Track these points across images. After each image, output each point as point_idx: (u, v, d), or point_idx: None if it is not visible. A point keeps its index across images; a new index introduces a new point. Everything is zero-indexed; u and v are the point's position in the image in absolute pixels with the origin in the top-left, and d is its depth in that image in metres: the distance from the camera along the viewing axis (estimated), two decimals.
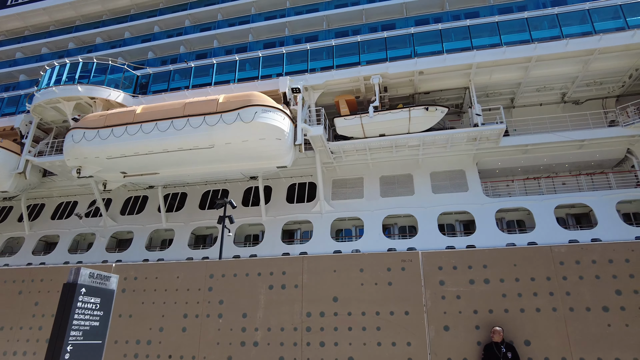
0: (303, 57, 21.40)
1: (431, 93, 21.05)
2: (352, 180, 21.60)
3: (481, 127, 18.55)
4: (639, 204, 18.76)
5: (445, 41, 19.69)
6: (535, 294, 7.54)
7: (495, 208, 19.08)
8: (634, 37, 17.81)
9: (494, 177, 21.46)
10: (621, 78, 20.16)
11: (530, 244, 17.48)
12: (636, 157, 19.33)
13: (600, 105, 21.33)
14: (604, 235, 17.39)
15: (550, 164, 20.66)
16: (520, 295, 7.70)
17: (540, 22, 19.47)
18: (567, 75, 19.91)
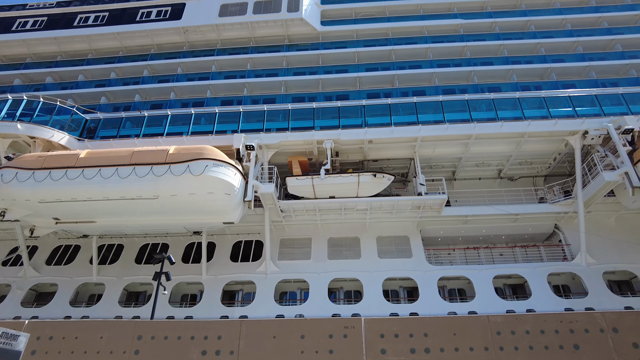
0: (259, 117, 21.89)
1: (379, 161, 22.03)
2: (300, 241, 21.42)
3: (424, 197, 19.45)
4: (566, 276, 19.99)
5: (393, 115, 21.10)
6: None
7: (438, 276, 19.52)
8: (555, 125, 20.06)
9: (437, 245, 22.19)
10: (547, 160, 22.33)
11: (470, 313, 17.80)
12: (562, 233, 20.93)
13: (531, 183, 23.28)
14: (538, 305, 18.14)
15: (488, 235, 21.80)
16: None
17: (479, 105, 21.47)
18: (502, 154, 21.74)
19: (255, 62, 27.00)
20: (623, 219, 20.88)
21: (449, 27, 27.80)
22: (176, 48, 28.55)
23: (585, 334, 7.71)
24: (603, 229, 20.60)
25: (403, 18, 28.40)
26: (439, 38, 27.04)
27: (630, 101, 21.08)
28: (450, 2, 29.16)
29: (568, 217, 20.76)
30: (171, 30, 28.10)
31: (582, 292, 19.08)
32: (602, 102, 21.09)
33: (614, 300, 18.32)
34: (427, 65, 25.47)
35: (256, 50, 27.62)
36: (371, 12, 29.55)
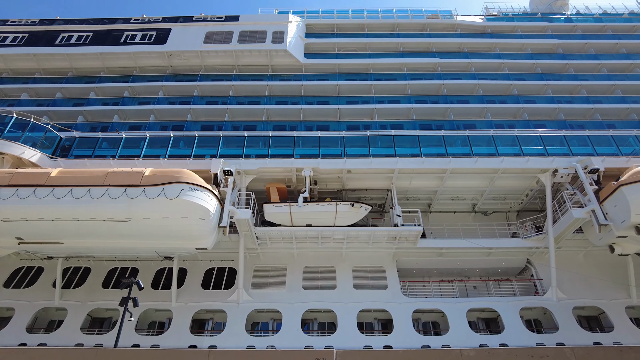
0: (239, 143, 21.93)
1: (357, 191, 22.23)
2: (275, 269, 21.08)
3: (401, 228, 19.62)
4: (538, 311, 20.20)
5: (372, 146, 21.51)
6: None
7: (413, 308, 19.42)
8: (527, 163, 20.84)
9: (412, 276, 22.21)
10: (520, 196, 23.02)
11: (444, 347, 17.66)
12: (534, 268, 21.32)
13: (504, 218, 23.84)
14: (510, 340, 18.15)
15: (462, 268, 21.99)
16: None
17: (454, 140, 22.15)
18: (476, 189, 22.30)
19: (238, 90, 27.27)
20: (591, 255, 21.48)
21: (428, 65, 28.96)
22: (159, 72, 28.64)
23: None
24: (572, 264, 21.11)
25: (384, 55, 29.50)
26: (418, 75, 28.09)
27: (596, 143, 22.15)
28: (429, 41, 30.59)
29: (539, 252, 21.22)
30: (155, 53, 28.23)
31: (553, 327, 19.25)
32: (570, 143, 22.08)
33: (583, 335, 18.54)
34: (405, 100, 26.29)
35: (239, 78, 27.95)
36: (353, 48, 30.58)
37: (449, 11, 33.38)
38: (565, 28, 32.64)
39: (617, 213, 18.17)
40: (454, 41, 30.84)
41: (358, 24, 32.12)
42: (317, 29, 31.88)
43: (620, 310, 19.54)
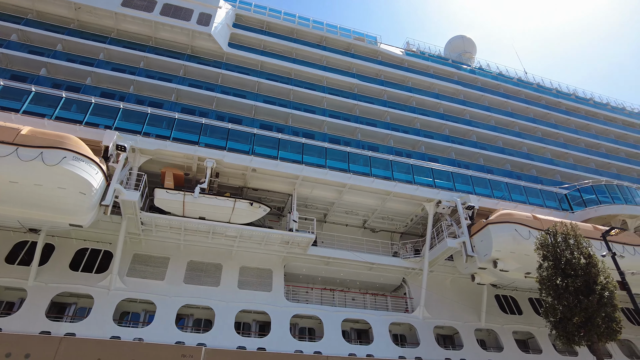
0: (140, 119, 20.37)
1: (259, 190, 22.08)
2: (157, 259, 19.88)
3: (295, 233, 19.96)
4: (405, 326, 21.99)
5: (281, 149, 21.60)
6: None
7: (292, 313, 19.78)
8: (417, 191, 22.78)
9: (297, 281, 22.68)
10: (406, 219, 24.99)
11: (315, 353, 18.26)
12: (408, 286, 23.24)
13: (389, 237, 25.63)
14: (377, 351, 19.46)
15: (345, 279, 23.08)
16: None
17: (357, 159, 23.26)
18: (369, 207, 23.68)
19: (150, 63, 25.48)
20: (456, 282, 24.10)
21: (346, 83, 30.29)
22: (62, 22, 25.48)
23: None
24: (440, 287, 23.47)
25: (307, 64, 30.03)
26: (335, 91, 29.18)
27: (476, 183, 25.08)
28: (351, 61, 32.05)
29: (414, 273, 23.19)
30: (60, 1, 25.10)
31: (415, 343, 21.11)
32: (455, 180, 24.67)
33: (439, 352, 20.65)
34: (320, 112, 27.08)
35: (154, 51, 26.12)
36: (280, 50, 30.64)
37: (374, 37, 35.33)
38: (468, 78, 36.70)
39: (482, 247, 20.74)
40: (374, 67, 32.67)
41: (288, 27, 32.32)
42: (247, 21, 31.33)
43: (470, 332, 22.19)
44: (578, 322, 7.60)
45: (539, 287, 8.28)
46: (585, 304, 7.53)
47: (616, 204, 25.99)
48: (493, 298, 24.27)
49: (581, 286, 7.79)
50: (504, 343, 22.31)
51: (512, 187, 26.01)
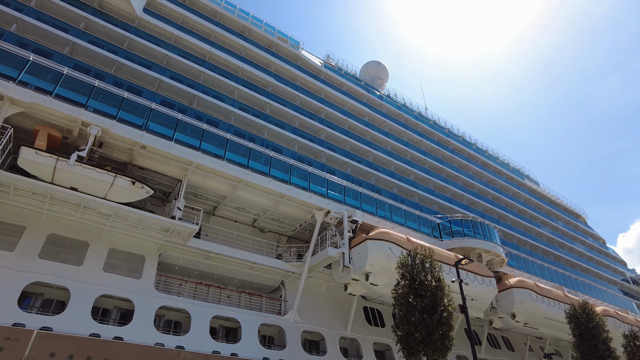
0: (19, 64, 17.59)
1: (146, 170, 20.58)
2: (9, 226, 17.30)
3: (178, 222, 18.97)
4: (275, 328, 22.23)
5: (179, 131, 20.38)
6: None
7: (160, 304, 18.70)
8: (310, 198, 23.38)
9: (172, 272, 21.61)
10: (295, 224, 25.46)
11: (178, 347, 17.44)
12: (285, 289, 23.61)
13: (276, 239, 25.83)
14: (242, 351, 19.25)
15: (223, 276, 22.62)
16: None
17: (259, 156, 23.01)
18: (262, 206, 23.61)
19: (44, 5, 22.24)
20: (331, 290, 25.19)
21: (261, 79, 29.97)
22: None
23: None
24: (315, 294, 24.29)
25: (224, 50, 29.03)
26: (248, 84, 28.58)
27: (364, 200, 26.62)
28: (270, 59, 31.89)
29: (294, 277, 23.69)
30: None
31: (282, 345, 21.44)
32: (346, 194, 25.89)
33: (303, 356, 21.26)
34: (229, 102, 26.33)
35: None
36: (198, 29, 29.20)
37: (297, 42, 35.69)
38: (376, 102, 39.06)
39: (358, 260, 22.02)
40: (292, 70, 32.93)
41: (212, 9, 31.04)
42: None
43: (335, 339, 23.30)
44: (419, 337, 8.46)
45: (393, 303, 9.08)
46: (427, 322, 8.43)
47: (476, 239, 29.71)
48: (361, 309, 25.90)
49: (428, 306, 8.71)
50: (364, 352, 23.87)
51: (394, 209, 28.15)
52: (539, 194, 54.05)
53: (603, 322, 15.81)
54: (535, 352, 35.01)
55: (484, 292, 25.82)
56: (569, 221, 55.51)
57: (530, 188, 52.46)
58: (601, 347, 14.87)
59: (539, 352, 35.06)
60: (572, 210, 59.69)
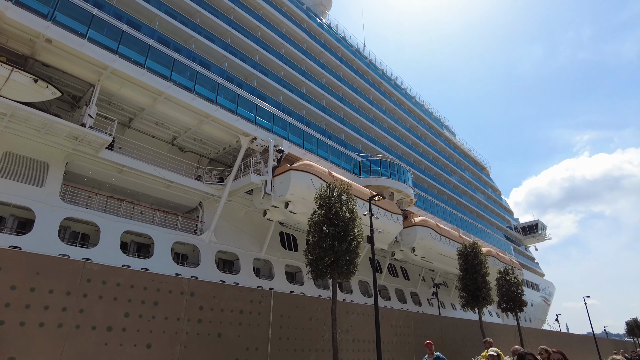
0: None
1: (52, 68, 18.17)
2: None
3: (88, 130, 17.42)
4: (189, 247, 22.38)
5: (93, 29, 17.95)
6: (46, 308, 7.12)
7: (65, 215, 17.68)
8: (237, 122, 22.70)
9: (81, 183, 20.27)
10: (218, 147, 24.80)
11: (85, 259, 16.90)
12: (202, 210, 23.51)
13: (197, 160, 25.08)
14: (154, 266, 19.25)
15: (137, 192, 21.74)
16: (28, 307, 7.04)
17: (183, 69, 21.33)
18: (183, 124, 22.44)
19: None
20: (250, 214, 25.59)
21: None
22: None
23: (168, 293, 8.73)
24: (233, 217, 24.54)
25: None
26: None
27: (292, 131, 26.56)
28: None
29: (213, 199, 23.53)
30: None
31: (196, 263, 21.80)
32: (275, 122, 25.52)
33: (216, 274, 21.90)
34: (155, 3, 23.51)
35: None
36: None
37: None
38: (315, 30, 37.79)
39: (280, 188, 22.42)
40: None
41: None
42: None
43: (249, 260, 24.22)
44: (328, 261, 9.14)
45: (308, 230, 9.60)
46: (337, 248, 9.08)
47: (391, 179, 31.68)
48: (277, 234, 26.90)
49: (339, 234, 9.33)
50: (276, 273, 25.26)
51: (321, 144, 28.59)
52: (454, 144, 58.28)
53: (485, 260, 18.36)
54: (427, 282, 39.85)
55: (390, 227, 28.18)
56: (474, 172, 61.25)
57: (447, 138, 56.20)
58: (480, 280, 17.37)
59: (430, 282, 39.96)
60: (479, 163, 65.73)
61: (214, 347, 9.07)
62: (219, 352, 9.13)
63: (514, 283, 20.90)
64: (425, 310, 36.25)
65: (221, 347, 9.21)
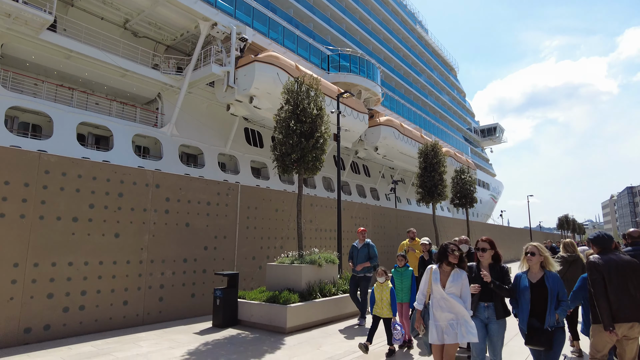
0: None
1: None
2: None
3: (23, 6, 15.32)
4: (151, 140, 21.81)
5: None
6: (4, 199, 6.93)
7: (11, 104, 16.39)
8: (195, 4, 20.57)
9: (23, 69, 18.48)
10: (175, 32, 22.79)
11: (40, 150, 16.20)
12: (162, 102, 22.44)
13: (152, 47, 23.14)
14: (115, 159, 18.85)
15: (90, 80, 20.22)
16: None
17: None
18: (136, 5, 20.14)
19: None
20: (212, 108, 24.73)
21: None
22: None
23: (132, 185, 8.65)
24: (195, 110, 23.68)
25: None
26: None
27: (256, 17, 24.57)
28: None
29: (172, 90, 22.33)
30: None
31: (158, 156, 21.48)
32: (238, 6, 23.36)
33: (180, 167, 21.83)
34: None
35: None
36: None
37: None
38: None
39: (244, 81, 21.45)
40: None
41: None
42: None
43: (214, 155, 24.11)
44: (294, 157, 9.20)
45: (275, 126, 9.46)
46: (303, 145, 9.09)
47: (360, 76, 30.94)
48: (242, 130, 26.52)
49: (306, 131, 9.26)
50: (242, 168, 25.49)
51: (287, 33, 26.85)
52: (425, 42, 56.43)
53: (444, 159, 19.16)
54: (386, 179, 41.79)
55: (356, 126, 28.37)
56: (442, 72, 60.68)
57: (419, 35, 54.12)
58: (437, 177, 18.33)
59: (389, 179, 41.93)
60: (448, 63, 64.78)
61: (183, 236, 9.40)
62: (188, 240, 9.50)
63: (468, 182, 22.25)
64: (382, 204, 38.64)
65: (190, 236, 9.55)
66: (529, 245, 3.94)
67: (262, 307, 8.14)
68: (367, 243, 8.68)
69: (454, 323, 3.78)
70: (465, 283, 3.91)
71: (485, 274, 3.90)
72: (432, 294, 3.96)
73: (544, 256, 3.83)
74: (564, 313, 3.66)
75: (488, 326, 3.98)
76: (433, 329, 3.86)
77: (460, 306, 3.80)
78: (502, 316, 3.95)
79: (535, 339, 3.66)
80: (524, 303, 3.80)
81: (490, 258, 4.09)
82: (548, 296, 3.66)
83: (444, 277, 3.95)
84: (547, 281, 3.72)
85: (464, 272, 3.99)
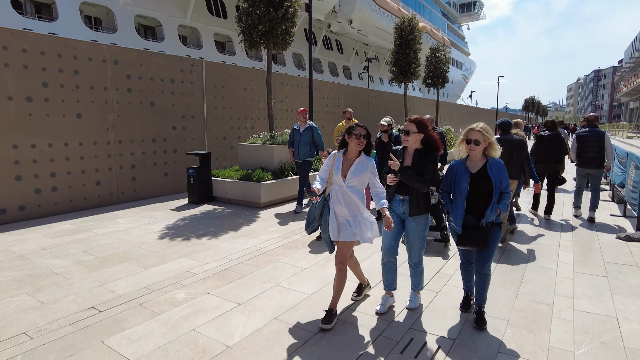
0: None
1: None
2: None
3: None
4: (102, 10, 19.58)
5: None
6: None
7: None
8: None
9: None
10: None
11: None
12: None
13: None
14: (63, 30, 17.11)
15: None
16: None
17: None
18: None
19: None
20: None
21: None
22: None
23: (88, 61, 7.98)
24: None
25: None
26: None
27: None
28: None
29: None
30: None
31: (112, 29, 19.57)
32: None
33: (137, 41, 20.12)
34: None
35: None
36: None
37: None
38: None
39: None
40: None
41: None
42: None
43: (173, 27, 22.13)
44: (262, 30, 8.55)
45: None
46: (272, 15, 8.37)
47: None
48: None
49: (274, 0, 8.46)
50: (204, 42, 23.75)
51: None
52: None
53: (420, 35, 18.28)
54: (360, 57, 40.28)
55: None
56: None
57: None
58: (412, 55, 17.74)
59: (362, 57, 40.43)
60: None
61: (149, 115, 9.10)
62: (155, 120, 9.24)
63: (442, 60, 21.73)
64: (355, 84, 37.97)
65: (156, 115, 9.25)
66: (471, 130, 3.14)
67: (236, 185, 8.41)
68: (310, 125, 7.47)
69: (351, 220, 3.21)
70: (370, 175, 3.22)
71: (393, 161, 3.18)
72: (332, 185, 3.26)
73: (490, 142, 3.12)
74: (506, 207, 3.07)
75: (405, 222, 3.40)
76: (333, 224, 3.29)
77: (358, 201, 3.21)
78: (416, 212, 3.29)
79: (470, 238, 3.09)
80: (459, 198, 3.14)
81: (420, 143, 3.29)
82: (493, 188, 3.03)
83: (347, 166, 3.22)
84: (490, 170, 3.07)
85: (372, 160, 3.26)
